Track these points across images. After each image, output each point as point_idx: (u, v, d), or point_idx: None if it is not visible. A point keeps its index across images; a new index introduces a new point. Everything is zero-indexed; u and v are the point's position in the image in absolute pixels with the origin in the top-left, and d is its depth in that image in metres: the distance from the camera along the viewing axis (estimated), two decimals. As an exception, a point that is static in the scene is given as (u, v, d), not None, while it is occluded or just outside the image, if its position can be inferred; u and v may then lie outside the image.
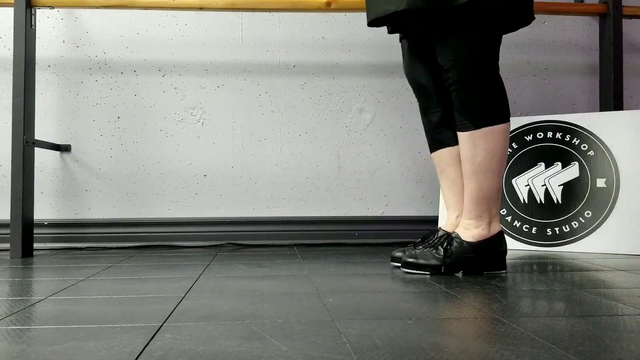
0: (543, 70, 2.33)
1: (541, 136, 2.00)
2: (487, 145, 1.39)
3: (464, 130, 1.41)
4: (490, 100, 1.40)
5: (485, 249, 1.41)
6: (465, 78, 1.39)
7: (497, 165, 1.40)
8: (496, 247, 1.43)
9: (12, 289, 1.23)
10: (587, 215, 1.88)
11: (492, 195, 1.41)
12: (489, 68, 1.41)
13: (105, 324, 0.88)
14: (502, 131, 1.40)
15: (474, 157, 1.40)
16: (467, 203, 1.44)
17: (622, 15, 2.17)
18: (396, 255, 1.55)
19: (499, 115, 1.40)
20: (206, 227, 2.17)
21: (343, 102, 2.25)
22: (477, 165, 1.40)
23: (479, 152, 1.39)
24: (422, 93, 1.58)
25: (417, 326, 0.86)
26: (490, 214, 1.42)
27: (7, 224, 1.91)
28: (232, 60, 2.21)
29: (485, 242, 1.41)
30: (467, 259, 1.40)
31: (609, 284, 1.25)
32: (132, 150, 2.17)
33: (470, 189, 1.42)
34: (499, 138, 1.39)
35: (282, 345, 0.75)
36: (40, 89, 2.10)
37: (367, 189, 2.25)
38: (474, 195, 1.42)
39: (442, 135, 1.55)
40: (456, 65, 1.39)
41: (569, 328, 0.84)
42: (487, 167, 1.39)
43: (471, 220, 1.43)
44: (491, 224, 1.43)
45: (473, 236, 1.42)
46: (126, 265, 1.61)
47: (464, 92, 1.40)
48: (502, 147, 1.40)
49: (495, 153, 1.39)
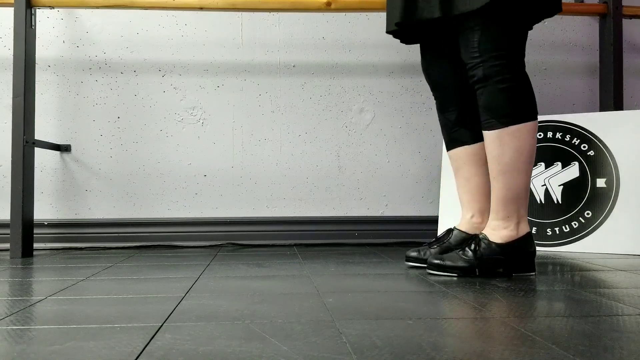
0: (543, 70, 2.33)
1: (541, 136, 2.00)
2: (515, 143, 1.35)
3: (491, 129, 1.37)
4: (518, 98, 1.37)
5: (514, 250, 1.38)
6: (491, 75, 1.36)
7: (525, 164, 1.37)
8: (525, 248, 1.40)
9: (12, 289, 1.23)
10: (587, 215, 1.88)
11: (520, 195, 1.38)
12: (515, 64, 1.37)
13: (105, 324, 0.88)
14: (530, 129, 1.37)
15: (502, 156, 1.37)
16: (494, 203, 1.41)
17: (622, 15, 2.17)
18: (412, 255, 1.54)
19: (527, 112, 1.37)
20: (206, 227, 2.17)
21: (343, 102, 2.25)
22: (505, 164, 1.37)
23: (507, 151, 1.36)
24: (440, 90, 1.57)
25: (417, 326, 0.86)
26: (519, 215, 1.39)
27: (7, 224, 1.91)
28: (232, 60, 2.21)
29: (514, 244, 1.38)
30: (495, 260, 1.37)
31: (609, 284, 1.25)
32: (132, 150, 2.17)
33: (498, 189, 1.39)
34: (527, 136, 1.36)
35: (282, 345, 0.75)
36: (40, 89, 2.10)
37: (367, 189, 2.25)
38: (502, 195, 1.38)
39: (459, 133, 1.54)
40: (482, 63, 1.36)
41: (569, 328, 0.84)
42: (515, 167, 1.36)
43: (499, 221, 1.40)
44: (519, 225, 1.40)
45: (501, 237, 1.38)
46: (126, 265, 1.61)
47: (491, 90, 1.37)
48: (530, 145, 1.37)
49: (523, 151, 1.36)
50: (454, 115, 1.55)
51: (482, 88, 1.38)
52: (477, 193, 1.54)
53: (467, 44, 1.39)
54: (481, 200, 1.54)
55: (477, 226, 1.54)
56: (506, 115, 1.36)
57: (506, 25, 1.36)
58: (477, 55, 1.37)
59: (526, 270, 1.40)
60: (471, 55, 1.38)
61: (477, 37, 1.36)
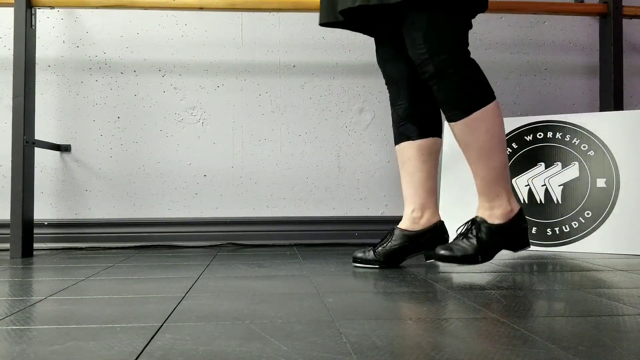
0: (543, 70, 2.33)
1: (541, 136, 2.00)
2: (483, 127, 1.39)
3: (457, 120, 1.40)
4: (474, 84, 1.40)
5: (510, 229, 1.43)
6: (442, 69, 1.38)
7: (498, 143, 1.41)
8: (520, 224, 1.45)
9: (12, 289, 1.23)
10: (587, 215, 1.88)
11: (503, 172, 1.43)
12: (462, 54, 1.40)
13: (105, 324, 0.88)
14: (494, 109, 1.40)
15: (475, 142, 1.40)
16: (480, 188, 1.44)
17: (622, 15, 2.17)
18: (358, 256, 1.56)
19: (486, 95, 1.40)
20: (206, 227, 2.17)
21: (343, 102, 2.25)
22: (480, 148, 1.40)
23: (478, 135, 1.39)
24: (392, 84, 1.58)
25: (417, 326, 0.86)
26: (507, 190, 1.44)
27: (7, 224, 1.91)
28: (232, 60, 2.21)
29: (510, 222, 1.43)
30: (498, 242, 1.43)
31: (609, 284, 1.25)
32: (132, 150, 2.17)
33: (480, 173, 1.43)
34: (492, 116, 1.40)
35: (282, 345, 0.75)
36: (40, 89, 2.10)
37: (367, 189, 2.25)
38: (486, 177, 1.42)
39: (405, 128, 1.56)
40: (430, 58, 1.38)
41: (569, 328, 0.84)
42: (490, 147, 1.40)
43: (490, 202, 1.44)
44: (510, 200, 1.45)
45: (499, 216, 1.43)
46: (126, 265, 1.61)
47: (446, 84, 1.39)
48: (498, 124, 1.41)
49: (493, 132, 1.40)
50: (402, 109, 1.56)
51: (436, 84, 1.40)
52: (420, 188, 1.56)
53: (413, 41, 1.40)
54: (422, 195, 1.56)
55: (417, 221, 1.56)
56: (467, 104, 1.39)
57: (448, 17, 1.38)
58: (424, 51, 1.38)
59: (523, 247, 1.46)
60: (418, 51, 1.39)
61: (422, 33, 1.38)
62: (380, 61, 1.61)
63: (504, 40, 2.31)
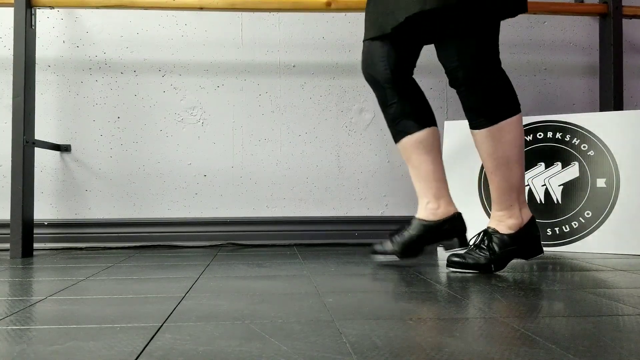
0: (543, 70, 2.33)
1: (541, 136, 2.00)
2: (506, 137, 1.41)
3: (481, 128, 1.42)
4: (502, 95, 1.42)
5: (523, 238, 1.45)
6: (472, 77, 1.39)
7: (518, 155, 1.43)
8: (532, 232, 1.46)
9: (12, 289, 1.23)
10: (587, 215, 1.88)
11: (518, 184, 1.44)
12: (493, 63, 1.42)
13: (105, 324, 0.88)
14: (518, 121, 1.43)
15: (496, 152, 1.42)
16: (495, 196, 1.46)
17: (622, 15, 2.17)
18: (376, 248, 1.60)
19: (512, 107, 1.42)
20: (206, 227, 2.17)
21: (343, 102, 2.25)
22: (499, 158, 1.42)
23: (500, 146, 1.41)
24: (378, 88, 1.56)
25: (417, 326, 0.86)
26: (520, 201, 1.45)
27: (7, 224, 1.91)
28: (232, 60, 2.21)
29: (522, 231, 1.45)
30: (510, 251, 1.44)
31: (609, 284, 1.25)
32: (132, 150, 2.17)
33: (497, 182, 1.44)
34: (516, 128, 1.42)
35: (282, 345, 0.75)
36: (40, 89, 2.10)
37: (367, 189, 2.25)
38: (502, 187, 1.44)
39: (402, 124, 1.55)
40: (462, 66, 1.39)
41: (569, 328, 0.84)
42: (509, 159, 1.42)
43: (503, 211, 1.45)
44: (522, 211, 1.46)
45: (509, 227, 1.45)
46: (126, 265, 1.61)
47: (474, 92, 1.41)
48: (520, 136, 1.43)
49: (515, 144, 1.42)
50: (394, 108, 1.55)
51: (465, 90, 1.42)
52: (429, 180, 1.56)
53: (447, 47, 1.41)
54: (434, 185, 1.56)
55: (435, 211, 1.56)
56: (494, 113, 1.40)
57: (482, 26, 1.38)
58: (456, 58, 1.40)
59: (536, 254, 1.48)
60: (451, 58, 1.41)
61: (457, 40, 1.39)
62: (367, 67, 1.57)
63: (504, 40, 2.31)
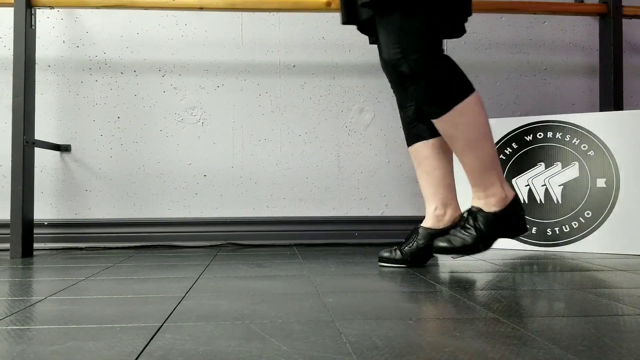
0: (543, 70, 2.33)
1: (541, 136, 2.00)
2: (465, 119, 1.39)
3: (437, 117, 1.41)
4: (450, 81, 1.40)
5: (508, 216, 1.44)
6: (417, 70, 1.38)
7: (483, 133, 1.41)
8: (517, 211, 1.46)
9: (12, 289, 1.23)
10: (587, 215, 1.88)
11: (492, 160, 1.43)
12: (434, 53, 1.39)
13: (105, 324, 0.88)
14: (474, 100, 1.40)
15: (460, 135, 1.40)
16: (472, 179, 1.45)
17: (622, 15, 2.17)
18: (384, 256, 1.57)
19: (462, 89, 1.40)
20: (206, 227, 2.17)
21: (343, 102, 2.25)
22: (465, 139, 1.40)
23: (461, 129, 1.40)
24: (397, 87, 1.57)
25: (417, 326, 0.86)
26: (499, 177, 1.44)
27: (7, 224, 1.91)
28: (232, 60, 2.21)
29: (508, 209, 1.44)
30: (496, 229, 1.43)
31: (609, 284, 1.25)
32: (132, 150, 2.17)
33: (469, 163, 1.43)
34: (473, 108, 1.40)
35: (282, 345, 0.75)
36: (40, 89, 2.10)
37: (367, 189, 2.25)
38: (476, 167, 1.42)
39: (417, 129, 1.56)
40: (405, 58, 1.38)
41: (569, 328, 0.84)
42: (475, 138, 1.40)
43: (484, 191, 1.44)
44: (504, 186, 1.45)
45: (495, 204, 1.44)
46: (126, 265, 1.61)
47: (422, 84, 1.39)
48: (480, 114, 1.41)
49: (477, 122, 1.40)
50: (412, 110, 1.56)
51: (412, 84, 1.41)
52: (439, 186, 1.56)
53: (388, 41, 1.40)
54: (443, 192, 1.57)
55: (441, 218, 1.56)
56: (445, 100, 1.39)
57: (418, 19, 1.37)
58: (398, 51, 1.39)
59: (521, 232, 1.47)
60: (393, 52, 1.40)
61: (396, 34, 1.38)
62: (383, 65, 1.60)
63: (504, 40, 2.31)
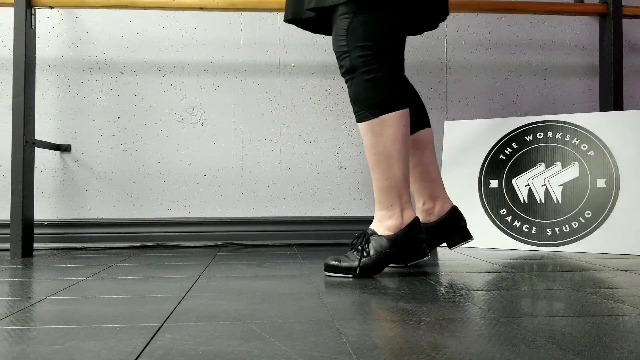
0: (543, 70, 2.33)
1: (541, 136, 2.00)
2: (387, 132, 1.36)
3: (363, 121, 1.38)
4: (385, 88, 1.36)
5: (402, 240, 1.38)
6: (358, 66, 1.36)
7: (399, 152, 1.37)
8: (414, 235, 1.39)
9: (12, 289, 1.23)
10: (587, 215, 1.88)
11: (399, 183, 1.38)
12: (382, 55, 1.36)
13: (105, 324, 0.88)
14: (401, 116, 1.37)
15: (376, 146, 1.37)
16: (376, 194, 1.41)
17: (622, 15, 2.17)
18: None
19: (396, 101, 1.37)
20: (206, 227, 2.17)
21: (343, 102, 2.24)
22: (379, 154, 1.37)
23: (380, 140, 1.36)
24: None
25: (417, 326, 0.86)
26: (401, 202, 1.39)
27: (7, 224, 1.91)
28: (232, 60, 2.21)
29: (401, 234, 1.38)
30: (387, 254, 1.37)
31: (609, 284, 1.25)
32: (132, 150, 2.17)
33: (376, 179, 1.39)
34: (399, 124, 1.36)
35: (282, 345, 0.75)
36: (40, 89, 2.10)
37: (367, 189, 2.25)
38: (382, 185, 1.39)
39: None
40: (349, 53, 1.36)
41: (569, 328, 0.84)
42: (390, 155, 1.36)
43: (383, 211, 1.40)
44: (404, 212, 1.39)
45: (388, 228, 1.38)
46: (126, 265, 1.61)
47: (358, 82, 1.37)
48: (403, 133, 1.37)
49: (396, 140, 1.36)
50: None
51: (350, 80, 1.39)
52: (424, 180, 1.58)
53: (337, 33, 1.39)
54: (428, 186, 1.58)
55: (431, 212, 1.58)
56: (375, 105, 1.36)
57: (375, 15, 1.35)
58: (344, 44, 1.37)
59: (418, 258, 1.40)
60: (339, 44, 1.38)
61: (346, 26, 1.36)
62: None
63: (504, 40, 2.31)
